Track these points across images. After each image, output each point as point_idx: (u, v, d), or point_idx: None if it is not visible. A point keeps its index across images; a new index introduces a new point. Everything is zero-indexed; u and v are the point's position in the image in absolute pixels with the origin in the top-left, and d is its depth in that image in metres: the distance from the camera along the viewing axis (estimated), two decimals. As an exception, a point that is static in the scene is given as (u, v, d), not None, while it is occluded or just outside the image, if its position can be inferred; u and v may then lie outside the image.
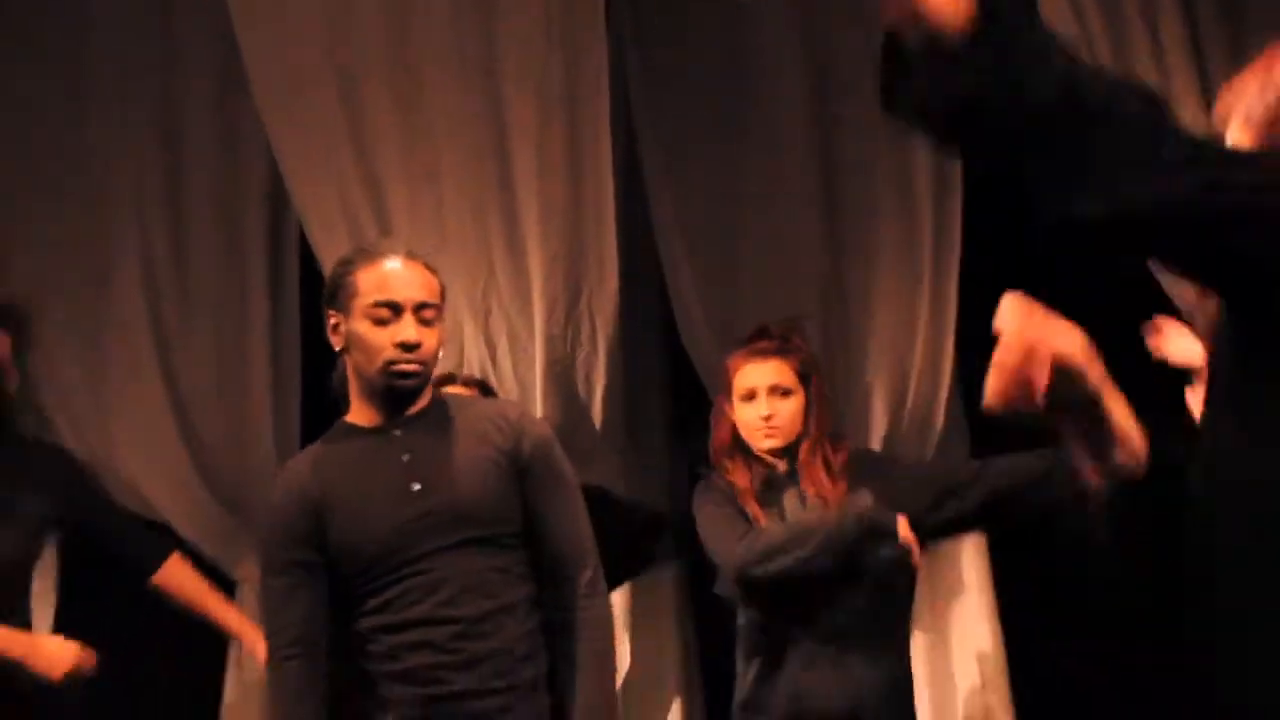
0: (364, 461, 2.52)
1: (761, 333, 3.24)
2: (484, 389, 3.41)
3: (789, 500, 3.10)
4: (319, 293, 3.00)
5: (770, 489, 3.11)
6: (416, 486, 2.53)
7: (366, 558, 2.48)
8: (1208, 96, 3.09)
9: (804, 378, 3.13)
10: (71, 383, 4.05)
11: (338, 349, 2.53)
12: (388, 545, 2.49)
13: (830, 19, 3.69)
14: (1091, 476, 1.48)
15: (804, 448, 3.07)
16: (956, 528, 3.12)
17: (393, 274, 2.47)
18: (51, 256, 4.07)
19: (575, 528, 2.61)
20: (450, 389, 3.24)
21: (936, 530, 3.01)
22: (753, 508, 3.09)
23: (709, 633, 3.64)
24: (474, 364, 3.62)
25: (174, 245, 4.09)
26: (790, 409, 3.10)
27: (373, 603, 2.54)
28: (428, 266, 2.54)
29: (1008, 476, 2.95)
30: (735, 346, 3.22)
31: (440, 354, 2.59)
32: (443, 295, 2.55)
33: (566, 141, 3.61)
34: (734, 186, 3.72)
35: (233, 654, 3.84)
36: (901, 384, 3.59)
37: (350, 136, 3.74)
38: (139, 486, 3.93)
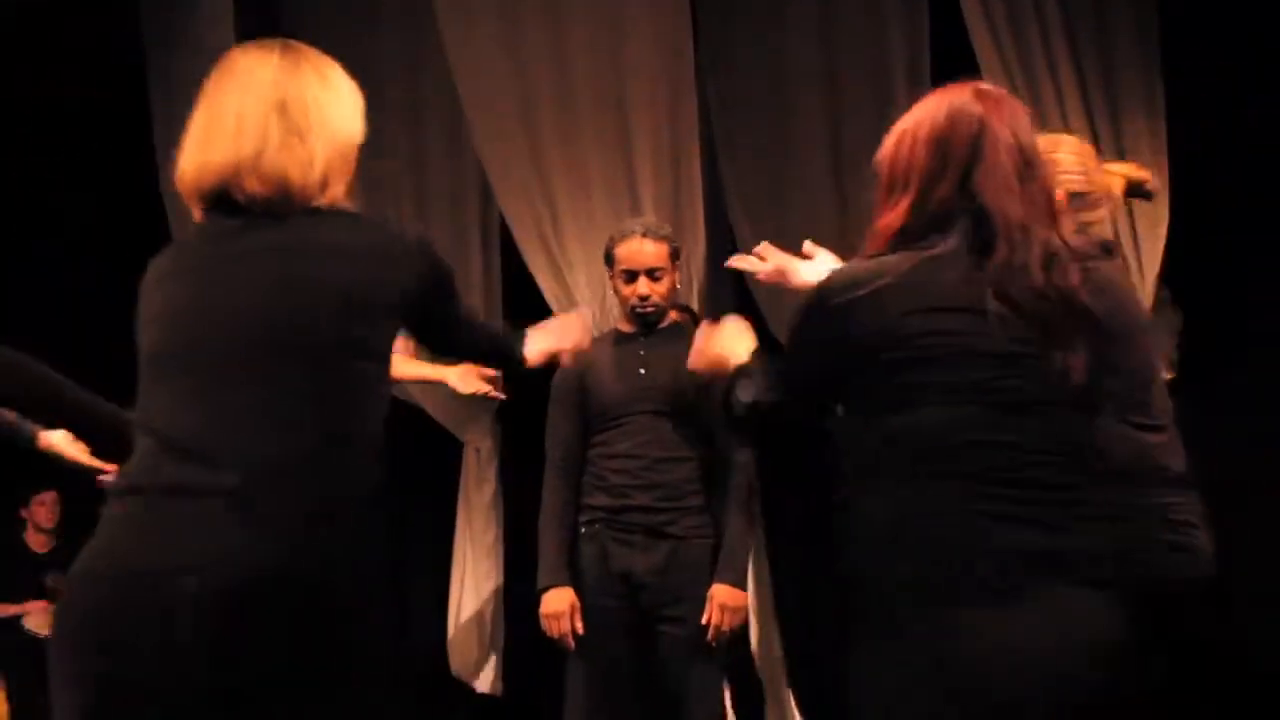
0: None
1: None
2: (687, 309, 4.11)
3: None
4: (512, 250, 4.17)
5: None
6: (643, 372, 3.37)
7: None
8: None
9: None
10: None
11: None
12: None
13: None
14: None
15: None
16: None
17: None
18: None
19: None
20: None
21: None
22: None
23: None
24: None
25: (420, 219, 5.08)
26: None
27: (598, 438, 3.35)
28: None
29: None
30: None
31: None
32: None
33: (670, 156, 4.53)
34: (775, 172, 4.77)
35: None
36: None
37: (528, 146, 4.64)
38: (401, 383, 4.87)
